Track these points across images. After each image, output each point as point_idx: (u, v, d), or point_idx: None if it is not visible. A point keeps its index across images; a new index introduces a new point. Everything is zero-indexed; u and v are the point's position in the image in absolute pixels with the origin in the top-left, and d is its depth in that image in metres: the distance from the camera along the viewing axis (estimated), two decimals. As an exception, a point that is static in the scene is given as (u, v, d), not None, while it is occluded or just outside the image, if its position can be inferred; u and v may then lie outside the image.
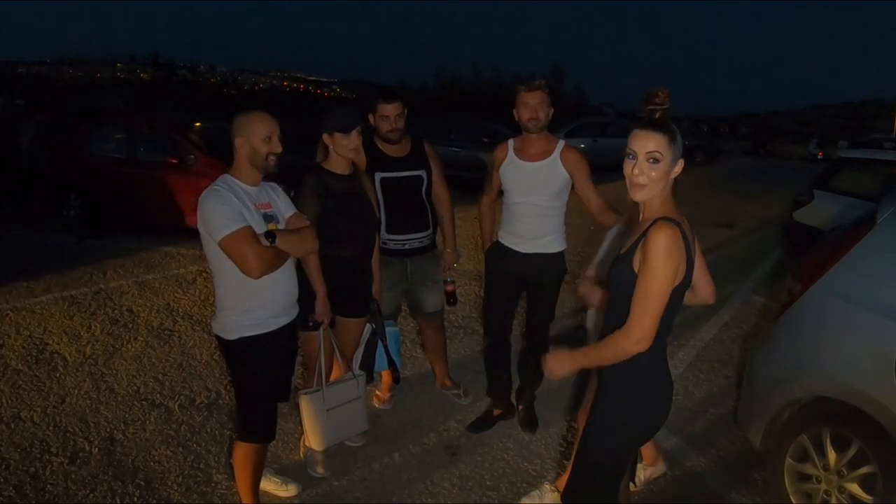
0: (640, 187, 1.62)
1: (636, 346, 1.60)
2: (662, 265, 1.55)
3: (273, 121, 2.17)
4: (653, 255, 1.56)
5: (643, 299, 1.57)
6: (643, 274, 1.58)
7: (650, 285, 1.56)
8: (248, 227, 2.05)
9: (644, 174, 1.60)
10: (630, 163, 1.63)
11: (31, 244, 6.75)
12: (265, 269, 2.08)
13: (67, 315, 4.58)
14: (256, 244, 2.05)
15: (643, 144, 1.60)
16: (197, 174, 6.51)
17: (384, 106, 2.84)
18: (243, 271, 2.05)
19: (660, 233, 1.56)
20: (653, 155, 1.59)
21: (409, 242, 3.03)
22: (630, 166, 1.63)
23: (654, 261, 1.55)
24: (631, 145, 1.63)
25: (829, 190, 5.81)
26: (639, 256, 1.62)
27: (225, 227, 2.01)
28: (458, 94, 25.09)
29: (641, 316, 1.58)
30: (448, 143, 11.35)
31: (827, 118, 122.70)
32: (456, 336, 4.33)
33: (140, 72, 49.57)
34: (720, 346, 4.38)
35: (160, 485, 2.64)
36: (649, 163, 1.60)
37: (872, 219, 2.38)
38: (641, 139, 1.61)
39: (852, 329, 2.26)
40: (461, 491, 2.68)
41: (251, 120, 2.14)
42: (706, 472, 2.88)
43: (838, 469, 2.27)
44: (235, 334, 2.15)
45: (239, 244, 2.02)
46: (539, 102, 2.72)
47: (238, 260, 2.04)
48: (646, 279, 1.57)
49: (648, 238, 1.58)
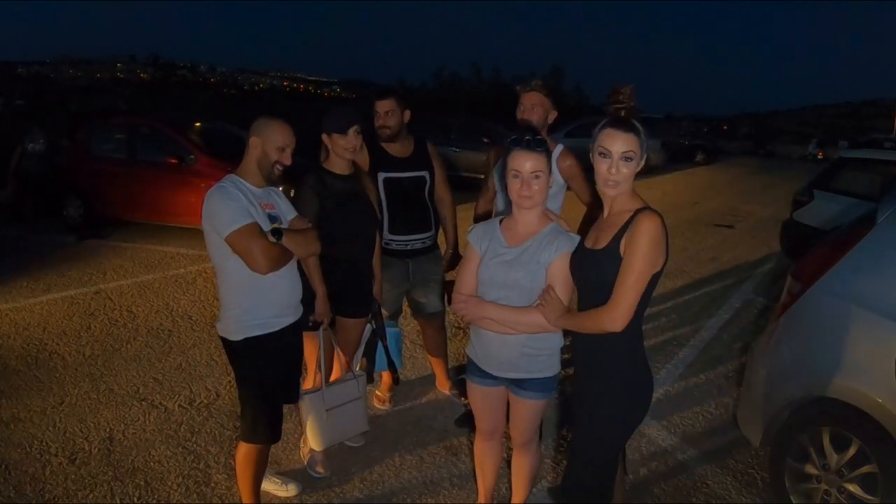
0: (614, 184, 1.72)
1: (612, 325, 1.69)
2: (649, 250, 1.65)
3: (291, 134, 2.20)
4: (641, 241, 1.64)
5: (626, 279, 1.66)
6: (629, 257, 1.66)
7: (635, 268, 1.65)
8: (255, 223, 2.06)
9: (619, 172, 1.70)
10: (605, 161, 1.71)
11: (31, 244, 6.75)
12: (272, 266, 2.09)
13: (67, 315, 4.58)
14: (263, 240, 2.06)
15: (618, 144, 1.69)
16: (197, 174, 6.52)
17: (377, 102, 2.88)
18: (251, 267, 2.06)
19: (649, 221, 1.66)
20: (626, 154, 1.70)
21: (412, 243, 3.03)
22: (606, 165, 1.71)
23: (642, 245, 1.64)
24: (604, 144, 1.71)
25: (829, 190, 5.81)
26: (624, 243, 1.69)
27: (233, 222, 2.02)
28: (458, 94, 25.12)
29: (624, 295, 1.66)
30: (448, 143, 11.36)
31: (827, 118, 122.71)
32: (456, 336, 4.33)
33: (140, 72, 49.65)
34: (720, 346, 4.38)
35: (160, 485, 2.64)
36: (623, 161, 1.70)
37: (872, 219, 2.38)
38: (616, 139, 1.70)
39: (852, 329, 2.26)
40: (461, 491, 2.68)
41: (272, 126, 2.16)
42: (706, 472, 2.88)
43: (838, 469, 2.27)
44: (240, 335, 2.16)
45: (246, 239, 2.03)
46: (534, 104, 2.69)
47: (245, 255, 2.05)
48: (631, 262, 1.65)
49: (637, 225, 1.67)
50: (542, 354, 2.00)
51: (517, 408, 2.12)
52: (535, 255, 1.92)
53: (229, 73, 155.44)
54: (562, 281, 1.88)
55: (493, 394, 2.13)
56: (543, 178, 1.87)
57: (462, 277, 2.05)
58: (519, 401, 2.09)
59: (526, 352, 1.99)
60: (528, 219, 1.95)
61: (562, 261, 1.88)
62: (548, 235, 1.94)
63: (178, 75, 39.49)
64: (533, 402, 2.07)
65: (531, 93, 2.71)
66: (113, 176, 7.18)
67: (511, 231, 1.99)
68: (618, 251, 1.70)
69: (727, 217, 9.62)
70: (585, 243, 1.86)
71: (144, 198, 7.01)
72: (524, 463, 2.26)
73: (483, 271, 1.99)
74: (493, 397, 2.14)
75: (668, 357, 4.10)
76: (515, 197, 1.91)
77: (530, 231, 1.95)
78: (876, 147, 6.24)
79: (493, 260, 1.98)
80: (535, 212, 1.95)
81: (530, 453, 2.23)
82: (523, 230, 1.96)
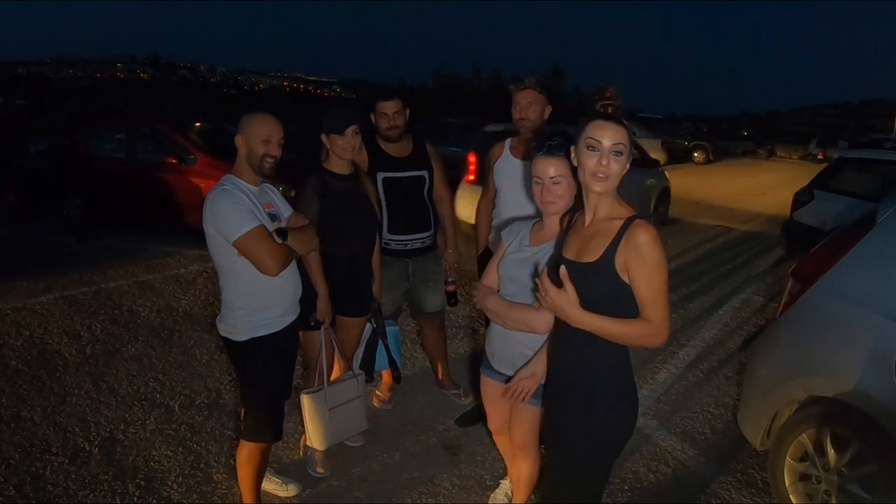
0: (603, 180, 1.58)
1: (662, 341, 1.60)
2: (662, 260, 1.56)
3: (275, 124, 2.17)
4: (653, 253, 1.54)
5: (661, 297, 1.56)
6: (651, 273, 1.55)
7: (661, 281, 1.56)
8: (261, 226, 2.06)
9: (609, 166, 1.57)
10: (594, 155, 1.58)
11: (31, 244, 6.75)
12: (281, 267, 2.11)
13: (67, 315, 4.58)
14: (271, 242, 2.07)
15: (608, 136, 1.57)
16: (197, 174, 6.51)
17: (382, 103, 2.86)
18: (261, 270, 2.07)
19: (648, 231, 1.55)
20: (617, 147, 1.57)
21: (412, 242, 3.04)
22: (595, 158, 1.58)
23: (657, 259, 1.55)
24: (594, 136, 1.58)
25: (829, 190, 5.82)
26: (623, 258, 1.57)
27: (242, 226, 2.02)
28: (458, 94, 25.12)
29: (664, 310, 1.57)
30: (448, 143, 11.35)
31: (827, 118, 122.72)
32: (456, 336, 4.33)
33: (140, 72, 49.67)
34: (720, 346, 4.38)
35: (160, 485, 2.64)
36: (613, 155, 1.57)
37: (872, 219, 2.38)
38: (607, 130, 1.58)
39: (852, 329, 2.26)
40: (461, 491, 2.68)
41: (253, 120, 2.15)
42: (706, 472, 2.88)
43: (838, 469, 2.27)
44: (247, 335, 2.16)
45: (255, 243, 2.03)
46: (529, 102, 2.70)
47: (255, 259, 2.05)
48: (655, 277, 1.55)
49: (637, 238, 1.55)
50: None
51: (514, 410, 2.11)
52: (547, 257, 1.91)
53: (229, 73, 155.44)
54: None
55: (499, 389, 2.13)
56: (565, 182, 1.85)
57: (487, 269, 2.14)
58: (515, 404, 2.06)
59: (523, 351, 1.99)
60: (554, 222, 1.94)
61: None
62: None
63: (178, 75, 39.49)
64: (526, 407, 2.03)
65: (526, 91, 2.72)
66: (113, 176, 7.17)
67: (538, 233, 2.02)
68: (612, 266, 1.57)
69: (727, 217, 9.64)
70: (565, 253, 1.71)
71: (144, 198, 7.01)
72: (521, 467, 2.24)
73: (501, 266, 2.06)
74: (499, 392, 2.13)
75: (668, 357, 4.10)
76: (539, 203, 1.90)
77: (555, 234, 1.94)
78: (876, 147, 6.24)
79: (511, 256, 2.03)
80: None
81: (526, 459, 2.19)
82: (549, 233, 1.97)
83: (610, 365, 1.69)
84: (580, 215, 1.74)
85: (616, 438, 1.76)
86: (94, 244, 6.78)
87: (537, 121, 2.75)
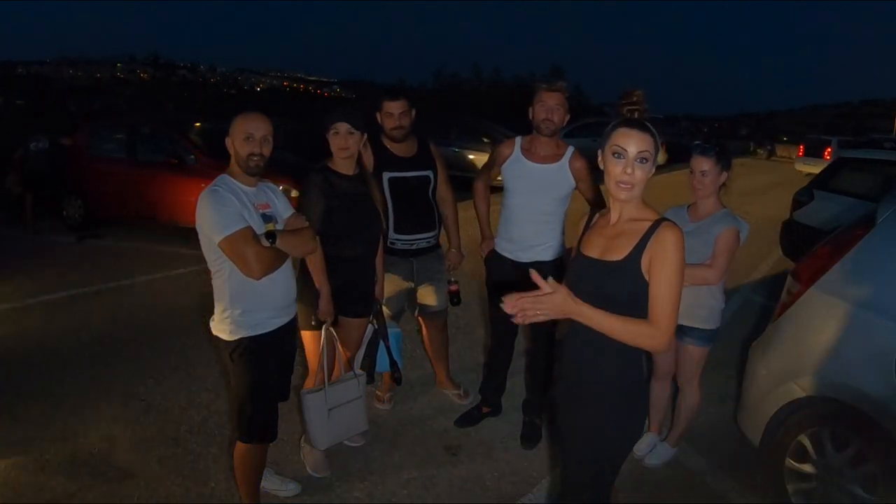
0: (628, 187, 1.58)
1: (661, 346, 1.57)
2: (682, 264, 1.55)
3: (258, 121, 2.13)
4: (675, 256, 1.54)
5: (674, 300, 1.55)
6: (668, 274, 1.54)
7: (676, 285, 1.55)
8: (248, 228, 2.04)
9: (634, 174, 1.57)
10: (619, 162, 1.58)
11: (31, 244, 6.75)
12: (266, 270, 2.08)
13: (67, 315, 4.58)
14: (256, 245, 2.04)
15: (634, 144, 1.57)
16: (197, 174, 6.52)
17: (389, 103, 2.85)
18: (244, 272, 2.05)
19: (677, 234, 1.55)
20: (643, 155, 1.57)
21: (417, 242, 3.04)
22: (620, 166, 1.58)
23: (678, 262, 1.54)
24: (620, 143, 1.57)
25: (829, 190, 5.82)
26: (648, 258, 1.57)
27: (225, 227, 2.01)
28: (458, 94, 25.12)
29: (671, 316, 1.55)
30: (448, 143, 11.36)
31: (826, 118, 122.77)
32: (457, 336, 4.32)
33: (140, 72, 49.55)
34: (720, 346, 4.35)
35: (160, 485, 2.64)
36: (638, 163, 1.57)
37: (872, 219, 2.38)
38: (632, 138, 1.57)
39: (852, 329, 2.26)
40: (461, 491, 2.68)
41: (235, 121, 2.14)
42: (706, 472, 2.88)
43: (838, 469, 2.27)
44: (236, 335, 2.15)
45: (239, 245, 2.01)
46: (556, 104, 2.68)
47: (238, 261, 2.04)
48: (672, 280, 1.54)
49: (665, 239, 1.55)
50: (703, 309, 2.58)
51: (678, 352, 2.73)
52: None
53: (229, 73, 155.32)
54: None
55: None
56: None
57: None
58: (681, 346, 2.69)
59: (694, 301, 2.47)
60: (705, 205, 2.45)
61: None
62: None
63: (178, 75, 39.42)
64: (691, 348, 2.68)
65: (555, 93, 2.69)
66: (113, 176, 7.18)
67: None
68: (638, 266, 1.57)
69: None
70: (588, 252, 1.70)
71: (145, 198, 7.01)
72: (682, 399, 2.87)
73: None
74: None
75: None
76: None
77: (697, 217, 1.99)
78: (876, 147, 6.24)
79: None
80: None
81: (688, 391, 2.83)
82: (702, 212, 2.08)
83: (620, 364, 1.68)
84: (601, 215, 1.75)
85: (626, 437, 1.76)
86: (94, 244, 6.78)
87: (560, 124, 2.73)
